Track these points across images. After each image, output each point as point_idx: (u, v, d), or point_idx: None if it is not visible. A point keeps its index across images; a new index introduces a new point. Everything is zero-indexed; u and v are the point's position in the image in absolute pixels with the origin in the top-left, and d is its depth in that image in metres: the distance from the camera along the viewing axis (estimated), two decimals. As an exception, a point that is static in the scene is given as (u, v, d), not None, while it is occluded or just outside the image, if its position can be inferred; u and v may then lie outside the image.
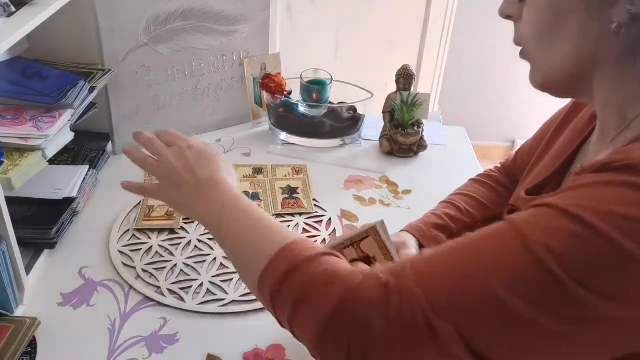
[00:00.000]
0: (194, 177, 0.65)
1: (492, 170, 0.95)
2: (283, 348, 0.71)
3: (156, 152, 0.69)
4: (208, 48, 1.12)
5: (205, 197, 0.64)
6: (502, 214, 0.87)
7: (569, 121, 0.76)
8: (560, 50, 0.55)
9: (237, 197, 0.63)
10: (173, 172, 0.67)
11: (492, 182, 0.92)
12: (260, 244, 0.56)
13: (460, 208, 0.86)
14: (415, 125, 1.14)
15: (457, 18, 2.13)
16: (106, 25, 0.98)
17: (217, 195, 0.64)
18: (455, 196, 0.90)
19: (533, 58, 0.60)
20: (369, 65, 1.94)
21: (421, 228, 0.82)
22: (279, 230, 0.57)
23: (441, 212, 0.85)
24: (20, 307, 0.74)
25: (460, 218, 0.85)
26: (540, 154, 0.78)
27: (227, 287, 0.80)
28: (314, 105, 1.15)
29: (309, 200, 0.99)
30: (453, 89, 2.56)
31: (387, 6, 1.91)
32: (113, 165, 1.06)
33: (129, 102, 1.07)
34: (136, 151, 0.71)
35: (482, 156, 1.63)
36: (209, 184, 0.65)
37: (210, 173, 0.66)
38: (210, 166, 0.67)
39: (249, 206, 0.62)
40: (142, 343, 0.71)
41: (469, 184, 0.93)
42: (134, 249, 0.86)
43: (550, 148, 0.77)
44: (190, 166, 0.66)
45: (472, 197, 0.88)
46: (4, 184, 0.73)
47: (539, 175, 0.72)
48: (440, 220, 0.84)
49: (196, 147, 0.68)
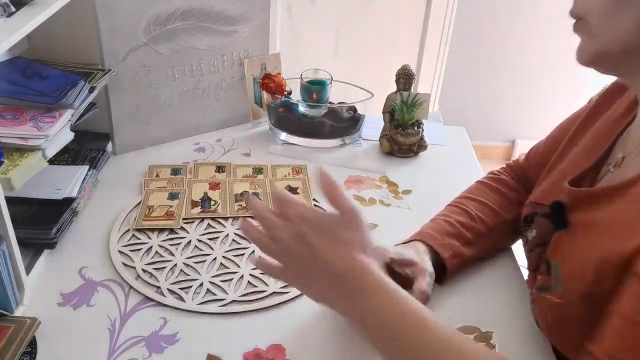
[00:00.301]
0: (325, 268, 0.54)
1: (501, 172, 0.93)
2: (283, 348, 0.71)
3: (267, 229, 0.58)
4: (208, 48, 1.12)
5: (352, 300, 0.54)
6: (515, 220, 0.87)
7: (596, 116, 0.75)
8: (626, 22, 0.55)
9: (395, 297, 0.53)
10: (294, 259, 0.56)
11: (501, 186, 0.90)
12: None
13: (472, 215, 0.85)
14: (415, 125, 1.14)
15: (457, 18, 2.13)
16: (106, 25, 0.98)
17: (368, 298, 0.53)
18: (465, 200, 0.88)
19: (593, 29, 0.58)
20: (369, 65, 1.94)
21: (434, 236, 0.80)
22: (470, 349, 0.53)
23: (453, 220, 0.83)
24: (20, 307, 0.74)
25: (473, 226, 0.83)
26: (564, 151, 0.78)
27: (227, 287, 0.80)
28: (314, 105, 1.15)
29: (309, 200, 0.99)
30: (453, 89, 2.56)
31: (387, 6, 1.91)
32: (113, 165, 1.06)
33: (129, 102, 1.07)
34: (252, 229, 0.60)
35: (482, 156, 1.63)
36: (349, 279, 0.54)
37: (344, 259, 0.54)
38: (339, 246, 0.55)
39: (413, 306, 0.53)
40: (142, 343, 0.71)
41: (478, 187, 0.91)
42: (134, 249, 0.86)
43: (574, 144, 0.77)
44: (315, 252, 0.54)
45: (483, 202, 0.87)
46: (4, 184, 0.73)
47: (576, 168, 0.71)
48: (453, 228, 0.82)
49: (314, 219, 0.56)
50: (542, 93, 2.72)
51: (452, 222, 0.83)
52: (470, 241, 0.82)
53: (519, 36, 2.58)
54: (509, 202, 0.88)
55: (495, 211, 0.86)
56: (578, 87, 2.67)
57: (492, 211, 0.86)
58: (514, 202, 0.88)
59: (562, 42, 2.59)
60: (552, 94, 2.72)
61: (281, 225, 0.57)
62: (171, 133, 1.15)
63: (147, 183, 1.01)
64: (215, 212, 0.94)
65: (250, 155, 1.13)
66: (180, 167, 1.06)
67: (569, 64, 2.89)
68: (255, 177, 1.05)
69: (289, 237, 0.56)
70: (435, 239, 0.80)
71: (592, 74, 0.66)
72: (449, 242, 0.80)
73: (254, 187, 1.02)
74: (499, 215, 0.86)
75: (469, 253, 0.82)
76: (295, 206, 0.57)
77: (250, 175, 1.05)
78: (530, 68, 2.66)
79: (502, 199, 0.88)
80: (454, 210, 0.86)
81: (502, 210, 0.87)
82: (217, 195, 0.98)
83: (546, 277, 0.67)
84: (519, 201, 0.88)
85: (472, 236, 0.82)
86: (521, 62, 2.65)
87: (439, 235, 0.80)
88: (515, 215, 0.87)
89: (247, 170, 1.07)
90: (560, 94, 2.71)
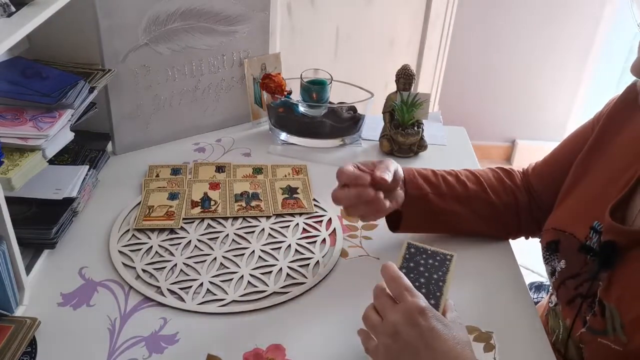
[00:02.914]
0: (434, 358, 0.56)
1: (512, 170, 0.94)
2: (283, 348, 0.71)
3: (381, 309, 0.61)
4: (208, 48, 1.12)
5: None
6: (505, 212, 0.87)
7: (610, 135, 0.75)
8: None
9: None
10: (402, 346, 0.58)
11: (504, 175, 0.91)
12: None
13: (460, 178, 0.87)
14: (415, 125, 1.14)
15: (457, 18, 2.13)
16: (106, 25, 0.98)
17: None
18: (463, 170, 0.90)
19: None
20: (369, 65, 1.94)
21: (412, 173, 0.84)
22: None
23: (439, 172, 0.87)
24: (20, 307, 0.74)
25: (452, 183, 0.86)
26: (579, 173, 0.77)
27: (227, 287, 0.80)
28: (314, 105, 1.15)
29: (309, 200, 0.99)
30: (453, 89, 2.57)
31: (387, 6, 1.91)
32: (113, 165, 1.06)
33: (129, 102, 1.07)
34: (369, 313, 0.62)
35: (482, 156, 1.63)
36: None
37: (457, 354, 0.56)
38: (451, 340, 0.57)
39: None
40: (142, 343, 0.71)
41: (484, 169, 0.93)
42: (134, 249, 0.86)
43: (589, 166, 0.76)
44: (428, 342, 0.57)
45: (477, 177, 0.89)
46: (4, 184, 0.73)
47: (603, 195, 0.70)
48: (434, 177, 0.85)
49: (430, 318, 0.57)
50: (542, 93, 2.72)
51: (435, 173, 0.86)
52: (442, 193, 0.84)
53: (519, 36, 2.58)
54: (503, 187, 0.89)
55: (484, 188, 0.87)
56: (578, 87, 2.68)
57: (479, 185, 0.88)
58: (509, 191, 0.89)
59: (562, 42, 2.60)
60: (552, 94, 2.72)
61: (393, 305, 0.59)
62: (171, 133, 1.16)
63: (147, 183, 1.01)
64: (215, 212, 0.94)
65: (250, 155, 1.13)
66: (180, 167, 1.06)
67: (569, 64, 2.91)
68: (255, 177, 1.05)
69: (400, 320, 0.57)
70: (412, 174, 0.83)
71: (592, 74, 0.66)
72: (419, 183, 0.83)
73: (254, 187, 1.02)
74: (487, 194, 0.87)
75: (435, 201, 0.84)
76: (402, 285, 0.60)
77: (250, 175, 1.05)
78: (530, 68, 2.66)
79: (497, 183, 0.89)
80: (447, 170, 0.89)
81: (493, 192, 0.88)
82: (217, 195, 0.98)
83: (600, 320, 0.65)
84: (514, 194, 0.89)
85: (447, 190, 0.85)
86: (521, 62, 2.65)
87: (417, 173, 0.84)
88: (504, 205, 0.87)
89: (247, 170, 1.07)
90: (560, 94, 2.71)
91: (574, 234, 0.73)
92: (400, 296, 0.59)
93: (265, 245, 0.88)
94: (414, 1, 1.97)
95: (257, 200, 0.98)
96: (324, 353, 0.71)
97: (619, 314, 0.63)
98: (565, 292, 0.74)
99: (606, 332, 0.64)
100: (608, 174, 0.73)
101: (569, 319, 0.73)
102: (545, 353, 0.71)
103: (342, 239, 0.90)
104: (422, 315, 0.57)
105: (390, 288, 0.60)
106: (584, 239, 0.71)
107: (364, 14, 1.88)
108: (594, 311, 0.67)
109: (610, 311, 0.64)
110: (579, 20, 2.52)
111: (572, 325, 0.72)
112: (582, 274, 0.70)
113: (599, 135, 0.77)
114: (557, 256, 0.76)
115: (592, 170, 0.76)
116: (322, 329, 0.74)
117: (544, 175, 0.89)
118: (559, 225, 0.77)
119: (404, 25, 2.00)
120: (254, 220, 0.94)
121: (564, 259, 0.74)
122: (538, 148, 2.60)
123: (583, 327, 0.69)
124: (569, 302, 0.73)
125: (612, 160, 0.74)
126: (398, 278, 0.60)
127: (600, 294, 0.66)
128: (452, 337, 0.57)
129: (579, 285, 0.70)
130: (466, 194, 0.86)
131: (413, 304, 0.58)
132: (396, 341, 0.57)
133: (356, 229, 0.93)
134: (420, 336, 0.56)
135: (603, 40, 2.54)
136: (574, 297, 0.71)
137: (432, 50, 2.10)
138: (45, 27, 0.78)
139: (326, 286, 0.81)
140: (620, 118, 0.75)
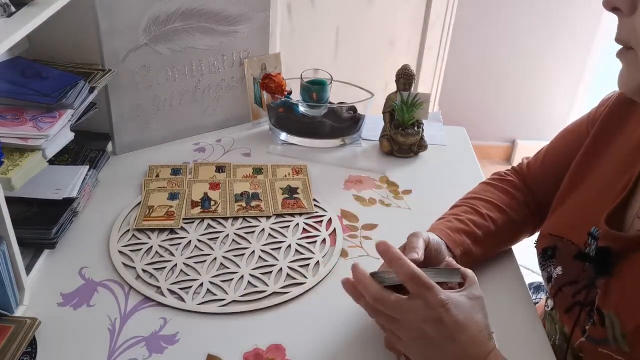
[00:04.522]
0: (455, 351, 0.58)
1: (507, 174, 0.92)
2: (283, 348, 0.71)
3: (397, 308, 0.60)
4: (208, 48, 1.12)
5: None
6: (524, 223, 0.86)
7: (606, 135, 0.74)
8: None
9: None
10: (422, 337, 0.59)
11: (508, 186, 0.89)
12: None
13: (482, 213, 0.83)
14: (415, 125, 1.14)
15: (457, 18, 2.13)
16: (106, 25, 0.98)
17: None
18: (473, 200, 0.87)
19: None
20: (369, 65, 1.94)
21: (446, 232, 0.79)
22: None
23: (465, 218, 0.82)
24: (20, 307, 0.74)
25: (483, 224, 0.82)
26: (575, 177, 0.77)
27: (227, 287, 0.80)
28: (314, 105, 1.15)
29: (309, 200, 0.99)
30: (453, 89, 2.57)
31: (387, 6, 1.91)
32: (113, 165, 1.06)
33: (129, 102, 1.07)
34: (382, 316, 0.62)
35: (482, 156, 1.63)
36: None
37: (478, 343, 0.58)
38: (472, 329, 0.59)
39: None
40: (142, 343, 0.71)
41: (484, 188, 0.90)
42: (134, 249, 0.86)
43: (585, 169, 0.75)
44: (452, 335, 0.58)
45: (491, 202, 0.86)
46: (4, 184, 0.73)
47: (600, 200, 0.70)
48: (465, 225, 0.81)
49: (452, 308, 0.58)
50: (542, 93, 2.72)
51: (463, 220, 0.82)
52: (480, 240, 0.81)
53: (519, 36, 2.58)
54: (516, 202, 0.87)
55: (503, 210, 0.85)
56: (578, 87, 2.68)
57: (500, 210, 0.85)
58: (522, 202, 0.87)
59: (562, 43, 2.60)
60: (552, 94, 2.72)
61: (405, 301, 0.59)
62: (171, 133, 1.16)
63: (147, 183, 1.01)
64: (215, 212, 0.94)
65: (250, 155, 1.13)
66: (180, 167, 1.06)
67: (568, 64, 2.91)
68: (255, 177, 1.05)
69: (417, 315, 0.58)
70: (448, 235, 0.78)
71: (591, 75, 0.66)
72: (460, 238, 0.79)
73: (254, 187, 1.02)
74: (508, 215, 0.85)
75: (478, 252, 0.80)
76: (423, 283, 0.58)
77: (250, 175, 1.05)
78: (530, 68, 2.66)
79: (509, 199, 0.87)
80: (463, 209, 0.85)
81: (511, 210, 0.86)
82: (217, 195, 0.98)
83: (600, 329, 0.65)
84: (525, 202, 0.88)
85: (483, 235, 0.81)
86: (521, 62, 2.65)
87: (450, 232, 0.79)
88: (524, 216, 0.86)
89: (247, 170, 1.07)
90: (560, 94, 2.71)
91: (571, 240, 0.73)
92: (417, 287, 0.58)
93: (265, 245, 0.88)
94: (414, 1, 1.97)
95: (257, 200, 0.98)
96: (324, 353, 0.71)
97: (620, 322, 0.62)
98: (562, 299, 0.73)
99: (607, 341, 0.63)
100: (604, 179, 0.72)
101: (568, 326, 0.72)
102: (545, 353, 0.71)
103: (342, 239, 0.90)
104: (444, 309, 0.58)
105: (395, 269, 0.59)
106: (582, 245, 0.71)
107: (364, 14, 1.89)
108: (593, 320, 0.66)
109: (610, 320, 0.63)
110: (579, 21, 2.52)
111: (571, 334, 0.71)
112: (580, 281, 0.70)
113: (594, 139, 0.76)
114: (552, 262, 0.75)
115: (589, 176, 0.75)
116: (322, 329, 0.74)
117: (540, 177, 0.88)
118: (555, 231, 0.76)
119: (404, 26, 2.00)
120: (254, 220, 0.94)
121: (561, 265, 0.73)
122: (538, 148, 2.59)
123: (582, 336, 0.68)
124: (567, 310, 0.72)
125: (608, 165, 0.73)
126: (399, 259, 0.59)
127: (598, 302, 0.65)
128: (474, 323, 0.60)
129: (577, 293, 0.69)
130: (495, 225, 0.84)
131: (433, 298, 0.58)
132: (422, 337, 0.59)
133: (356, 229, 0.93)
134: (446, 332, 0.58)
135: (603, 40, 2.54)
136: (572, 305, 0.71)
137: (432, 50, 2.10)
138: (45, 27, 0.78)
139: (326, 286, 0.81)
140: (615, 122, 0.74)
